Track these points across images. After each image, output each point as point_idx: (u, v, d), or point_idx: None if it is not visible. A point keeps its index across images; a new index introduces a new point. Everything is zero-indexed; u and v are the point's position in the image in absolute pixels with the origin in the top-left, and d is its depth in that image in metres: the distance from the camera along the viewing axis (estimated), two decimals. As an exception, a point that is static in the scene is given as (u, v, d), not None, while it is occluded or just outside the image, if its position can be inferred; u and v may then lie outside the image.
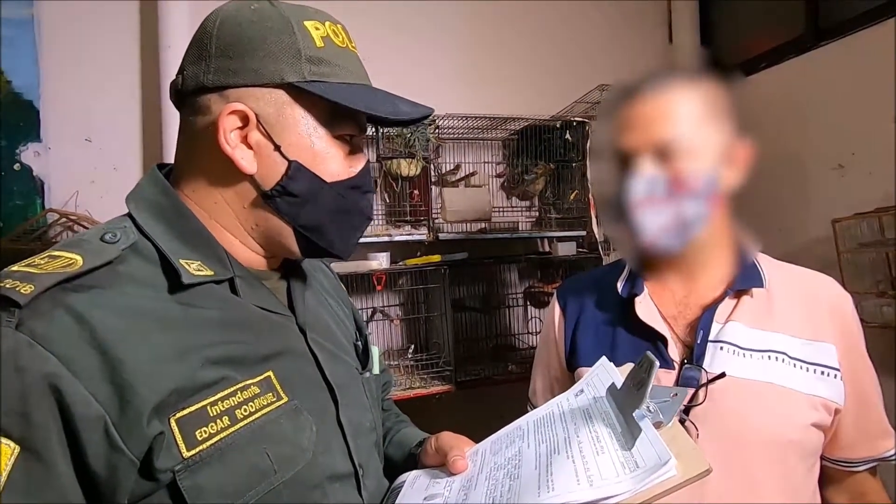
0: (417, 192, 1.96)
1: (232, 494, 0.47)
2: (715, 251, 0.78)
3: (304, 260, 0.67)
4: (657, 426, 0.51)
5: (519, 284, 2.19)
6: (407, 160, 1.88)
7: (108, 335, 0.44)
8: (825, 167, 1.80)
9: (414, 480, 0.64)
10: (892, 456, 0.76)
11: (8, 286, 0.43)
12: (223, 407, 0.49)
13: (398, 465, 0.71)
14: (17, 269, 0.46)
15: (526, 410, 0.97)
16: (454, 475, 0.61)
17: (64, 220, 1.69)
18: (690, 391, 0.69)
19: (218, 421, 0.48)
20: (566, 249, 2.01)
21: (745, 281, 0.76)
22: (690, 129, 0.70)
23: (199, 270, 0.53)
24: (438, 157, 2.07)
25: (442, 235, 1.90)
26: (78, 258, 0.47)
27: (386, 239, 1.84)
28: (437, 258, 1.86)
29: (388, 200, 1.97)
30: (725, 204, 0.76)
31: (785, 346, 0.72)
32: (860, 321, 0.77)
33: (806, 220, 1.84)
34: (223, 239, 0.57)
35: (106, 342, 0.44)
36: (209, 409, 0.48)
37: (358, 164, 0.60)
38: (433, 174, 2.02)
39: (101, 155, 1.80)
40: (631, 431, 0.51)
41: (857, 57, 1.73)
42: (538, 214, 2.21)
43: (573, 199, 2.06)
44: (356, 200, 0.60)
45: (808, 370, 0.71)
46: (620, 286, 0.82)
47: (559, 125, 2.05)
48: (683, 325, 0.78)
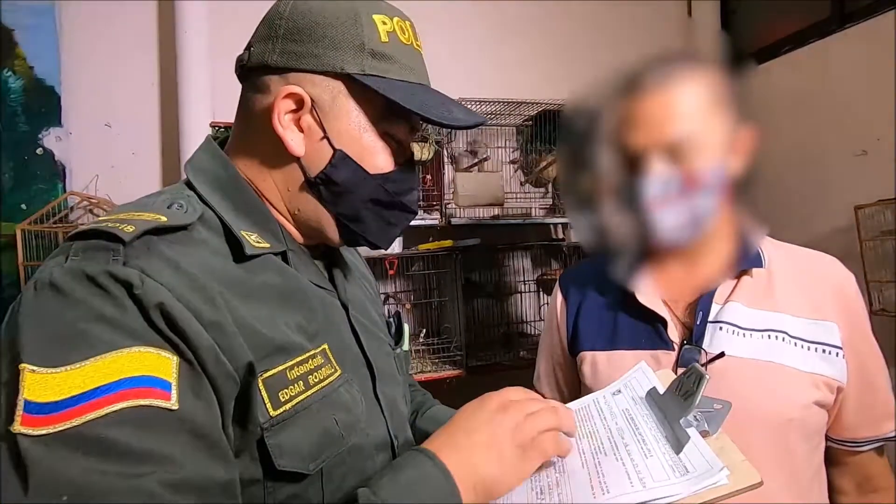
0: (430, 176, 1.96)
1: (307, 457, 0.49)
2: (717, 235, 0.77)
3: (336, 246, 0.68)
4: (703, 435, 0.52)
5: (532, 271, 2.19)
6: (419, 144, 1.88)
7: (201, 282, 0.46)
8: (848, 153, 1.76)
9: None
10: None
11: (110, 225, 0.45)
12: (298, 372, 0.51)
13: None
14: (108, 217, 0.48)
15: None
16: None
17: (85, 203, 1.74)
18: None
19: (294, 385, 0.50)
20: (578, 236, 2.00)
21: (744, 262, 0.76)
22: (699, 124, 0.70)
23: (258, 242, 0.55)
24: (451, 141, 2.06)
25: (454, 220, 1.90)
26: (162, 216, 0.49)
27: (399, 224, 1.85)
28: (449, 243, 1.86)
29: (400, 185, 1.97)
30: (729, 190, 0.76)
31: (785, 325, 0.72)
32: (882, 310, 0.76)
33: (827, 208, 1.80)
34: (273, 214, 0.59)
35: (202, 287, 0.46)
36: (287, 373, 0.50)
37: (403, 159, 0.61)
38: (446, 158, 2.01)
39: (120, 140, 1.84)
40: (678, 438, 0.52)
41: (882, 40, 1.67)
42: (552, 201, 2.20)
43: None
44: (398, 194, 0.61)
45: (809, 349, 0.71)
46: (621, 271, 0.82)
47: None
48: (683, 306, 0.78)
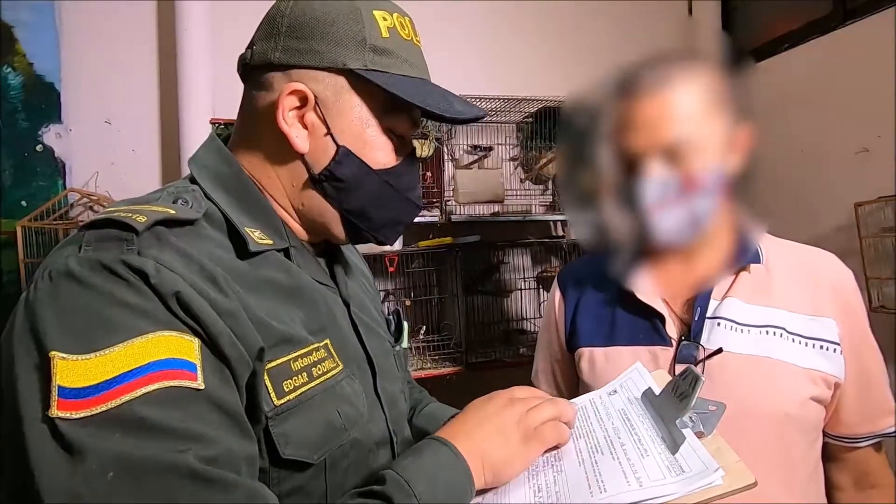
0: (430, 173, 1.95)
1: (312, 447, 0.51)
2: (715, 232, 0.78)
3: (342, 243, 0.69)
4: (698, 436, 0.53)
5: (531, 268, 2.19)
6: (420, 141, 1.87)
7: (213, 272, 0.47)
8: (849, 150, 1.76)
9: None
10: (894, 432, 0.76)
11: (122, 216, 0.45)
12: (302, 364, 0.52)
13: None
14: (118, 208, 0.48)
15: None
16: None
17: (85, 200, 1.73)
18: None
19: (298, 376, 0.51)
20: (576, 234, 2.00)
21: (742, 258, 0.76)
22: (696, 125, 0.70)
23: (261, 239, 0.55)
24: (451, 138, 2.06)
25: (454, 218, 1.90)
26: (171, 210, 0.49)
27: (398, 221, 1.84)
28: (449, 240, 1.86)
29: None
30: (727, 188, 0.76)
31: (783, 321, 0.72)
32: (882, 307, 0.76)
33: (827, 205, 1.80)
34: (276, 210, 0.60)
35: (214, 276, 0.47)
36: (291, 364, 0.51)
37: (405, 154, 0.62)
38: (446, 155, 2.01)
39: (120, 137, 1.83)
40: (674, 438, 0.52)
41: (883, 37, 1.67)
42: (552, 198, 2.20)
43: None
44: (402, 189, 0.62)
45: (806, 345, 0.71)
46: (619, 267, 0.82)
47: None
48: (681, 303, 0.78)
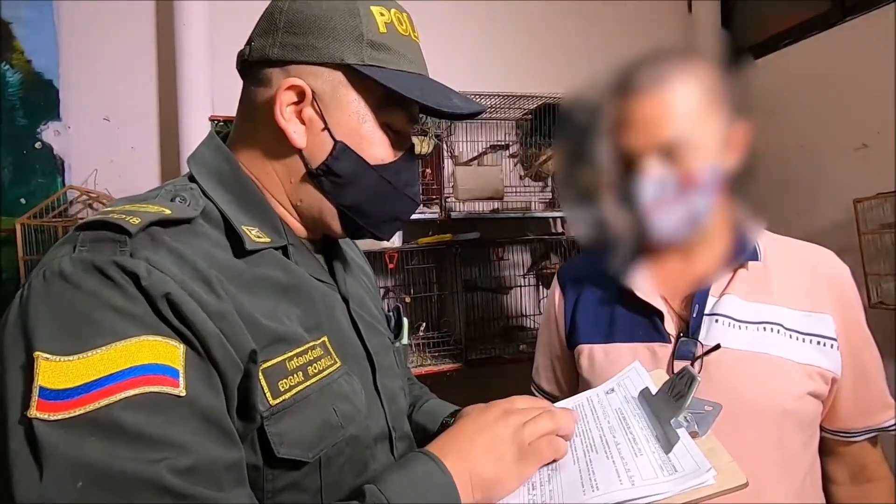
0: (430, 170, 1.95)
1: (307, 446, 0.51)
2: (713, 230, 0.78)
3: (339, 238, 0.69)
4: (693, 436, 0.53)
5: (531, 265, 2.19)
6: (419, 138, 1.87)
7: (206, 273, 0.47)
8: (848, 147, 1.76)
9: None
10: (891, 426, 0.76)
11: (116, 217, 0.46)
12: (297, 363, 0.52)
13: (430, 433, 0.75)
14: (113, 209, 0.48)
15: (532, 390, 0.99)
16: None
17: (84, 197, 1.73)
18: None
19: (294, 375, 0.51)
20: (573, 231, 2.00)
21: (740, 255, 0.76)
22: (694, 123, 0.70)
23: (258, 237, 0.56)
24: (451, 135, 2.06)
25: (454, 214, 1.90)
26: (166, 209, 0.49)
27: (398, 218, 1.84)
28: (448, 237, 1.86)
29: (400, 179, 1.97)
30: (725, 186, 0.76)
31: (781, 317, 0.73)
32: (881, 303, 0.76)
33: (826, 201, 1.80)
34: (274, 207, 0.60)
35: (206, 277, 0.47)
36: (287, 363, 0.51)
37: (403, 150, 0.62)
38: (446, 152, 2.01)
39: (119, 135, 1.83)
40: (668, 438, 0.53)
41: (882, 33, 1.67)
42: (551, 195, 2.20)
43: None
44: (400, 185, 0.61)
45: (804, 341, 0.72)
46: (618, 264, 0.82)
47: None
48: (679, 299, 0.79)
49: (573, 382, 0.91)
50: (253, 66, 0.58)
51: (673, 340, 0.76)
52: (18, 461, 0.37)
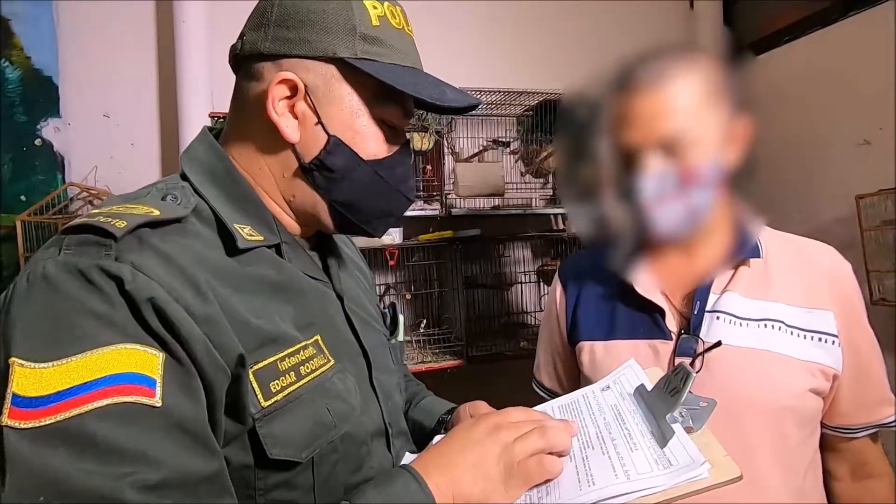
0: (430, 167, 1.95)
1: (300, 446, 0.50)
2: (714, 226, 0.78)
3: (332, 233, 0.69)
4: (687, 431, 0.53)
5: (532, 262, 2.19)
6: (420, 134, 1.87)
7: (193, 275, 0.47)
8: (850, 143, 1.75)
9: None
10: (892, 422, 0.76)
11: (101, 220, 0.45)
12: (289, 363, 0.51)
13: (427, 429, 0.74)
14: (100, 211, 0.48)
15: (532, 386, 0.99)
16: None
17: (85, 194, 1.73)
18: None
19: (286, 376, 0.51)
20: (575, 227, 1.99)
21: (741, 252, 0.76)
22: (695, 118, 0.70)
23: (251, 235, 0.55)
24: (451, 131, 2.06)
25: (455, 211, 1.90)
26: (155, 210, 0.49)
27: (398, 214, 1.84)
28: (449, 234, 1.86)
29: (400, 176, 1.97)
30: (726, 182, 0.76)
31: (782, 314, 0.73)
32: (882, 300, 0.76)
33: (828, 197, 1.79)
34: (267, 204, 0.59)
35: (194, 280, 0.46)
36: (278, 364, 0.51)
37: (397, 145, 0.61)
38: (446, 148, 2.00)
39: (119, 131, 1.83)
40: (663, 433, 0.53)
41: (885, 28, 1.66)
42: (552, 191, 2.19)
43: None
44: (393, 180, 0.61)
45: (805, 337, 0.72)
46: (619, 261, 0.82)
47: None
48: (681, 296, 0.79)
49: (574, 379, 0.91)
50: (245, 60, 0.57)
51: (674, 337, 0.76)
52: None
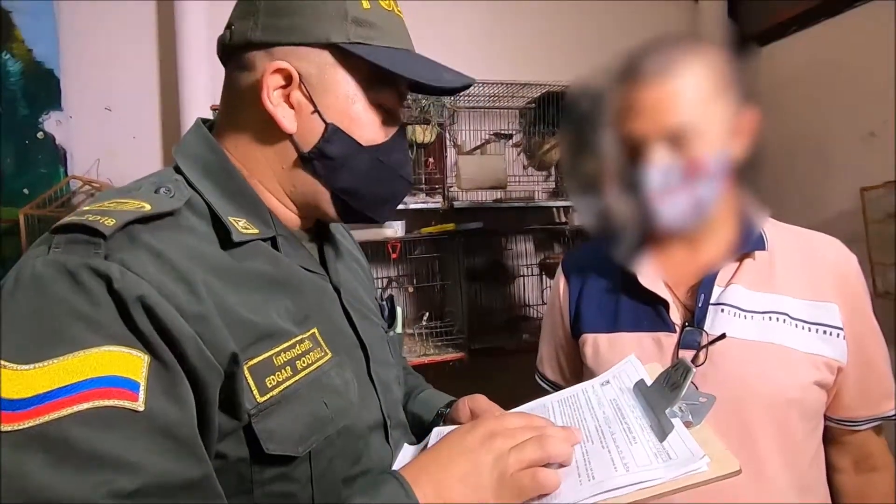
0: (432, 159, 1.94)
1: (297, 439, 0.50)
2: (719, 219, 0.77)
3: (334, 222, 0.68)
4: (687, 426, 0.53)
5: (534, 255, 2.18)
6: (422, 126, 1.86)
7: (186, 272, 0.46)
8: (855, 135, 1.74)
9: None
10: (895, 415, 0.76)
11: (90, 219, 0.44)
12: (285, 358, 0.51)
13: (426, 422, 0.74)
14: (90, 208, 0.47)
15: (535, 379, 0.99)
16: None
17: (87, 187, 1.73)
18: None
19: (282, 371, 0.50)
20: (581, 220, 1.99)
21: (746, 244, 0.76)
22: (701, 110, 0.69)
23: (246, 228, 0.54)
24: (453, 124, 2.05)
25: (457, 204, 1.90)
26: (146, 204, 0.48)
27: (401, 206, 1.83)
28: (451, 227, 1.86)
29: (402, 168, 1.96)
30: (732, 174, 0.75)
31: (787, 307, 0.73)
32: (887, 293, 0.76)
33: (833, 190, 1.79)
34: (263, 197, 0.58)
35: (186, 277, 0.46)
36: (274, 359, 0.50)
37: (394, 129, 0.61)
38: (448, 141, 2.00)
39: (120, 124, 1.83)
40: (663, 427, 0.53)
41: (890, 19, 1.64)
42: (555, 184, 2.19)
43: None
44: (392, 165, 0.61)
45: (810, 330, 0.72)
46: (623, 253, 0.82)
47: (578, 92, 2.00)
48: (685, 289, 0.79)
49: (577, 372, 0.90)
50: (235, 50, 0.56)
51: (678, 330, 0.76)
52: None
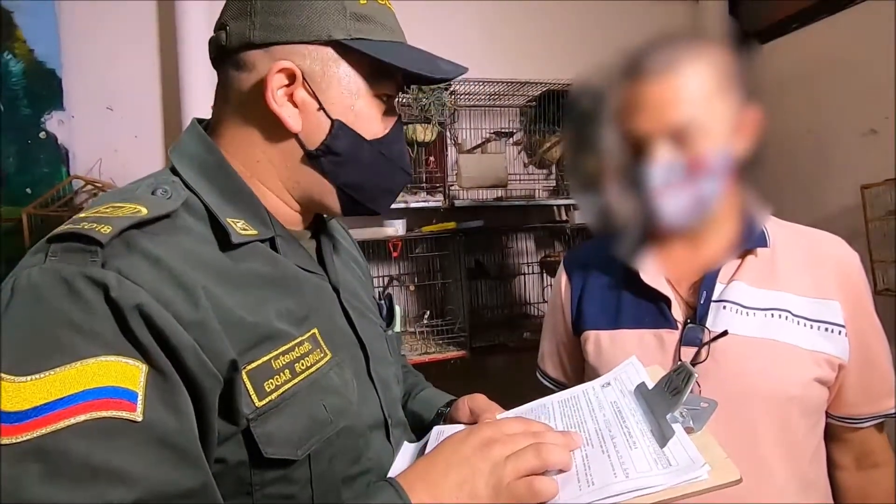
0: (433, 158, 1.95)
1: (296, 442, 0.50)
2: (721, 216, 0.77)
3: (332, 218, 0.68)
4: (687, 431, 0.53)
5: (535, 253, 2.19)
6: (423, 125, 1.86)
7: (184, 278, 0.46)
8: (856, 132, 1.74)
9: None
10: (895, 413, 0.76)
11: (86, 227, 0.44)
12: (284, 361, 0.51)
13: (426, 421, 0.75)
14: (86, 215, 0.47)
15: (537, 376, 1.00)
16: None
17: (89, 187, 1.74)
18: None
19: (280, 374, 0.50)
20: (583, 217, 1.99)
21: (748, 241, 0.76)
22: (704, 107, 0.69)
23: (244, 229, 0.54)
24: (454, 122, 2.05)
25: (458, 202, 1.90)
26: (142, 208, 0.48)
27: (402, 205, 1.84)
28: (452, 225, 1.86)
29: (403, 167, 1.96)
30: (734, 171, 0.75)
31: (789, 304, 0.73)
32: (887, 290, 0.76)
33: (834, 187, 1.78)
34: (263, 197, 0.58)
35: (184, 283, 0.45)
36: (273, 362, 0.50)
37: (392, 121, 0.61)
38: (449, 140, 2.00)
39: (122, 123, 1.83)
40: (663, 432, 0.53)
41: (891, 16, 1.64)
42: (555, 182, 2.19)
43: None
44: (394, 157, 0.61)
45: (812, 327, 0.72)
46: (625, 250, 0.82)
47: (578, 90, 2.00)
48: (687, 286, 0.79)
49: (579, 369, 0.91)
50: (231, 52, 0.55)
51: (680, 327, 0.76)
52: None
